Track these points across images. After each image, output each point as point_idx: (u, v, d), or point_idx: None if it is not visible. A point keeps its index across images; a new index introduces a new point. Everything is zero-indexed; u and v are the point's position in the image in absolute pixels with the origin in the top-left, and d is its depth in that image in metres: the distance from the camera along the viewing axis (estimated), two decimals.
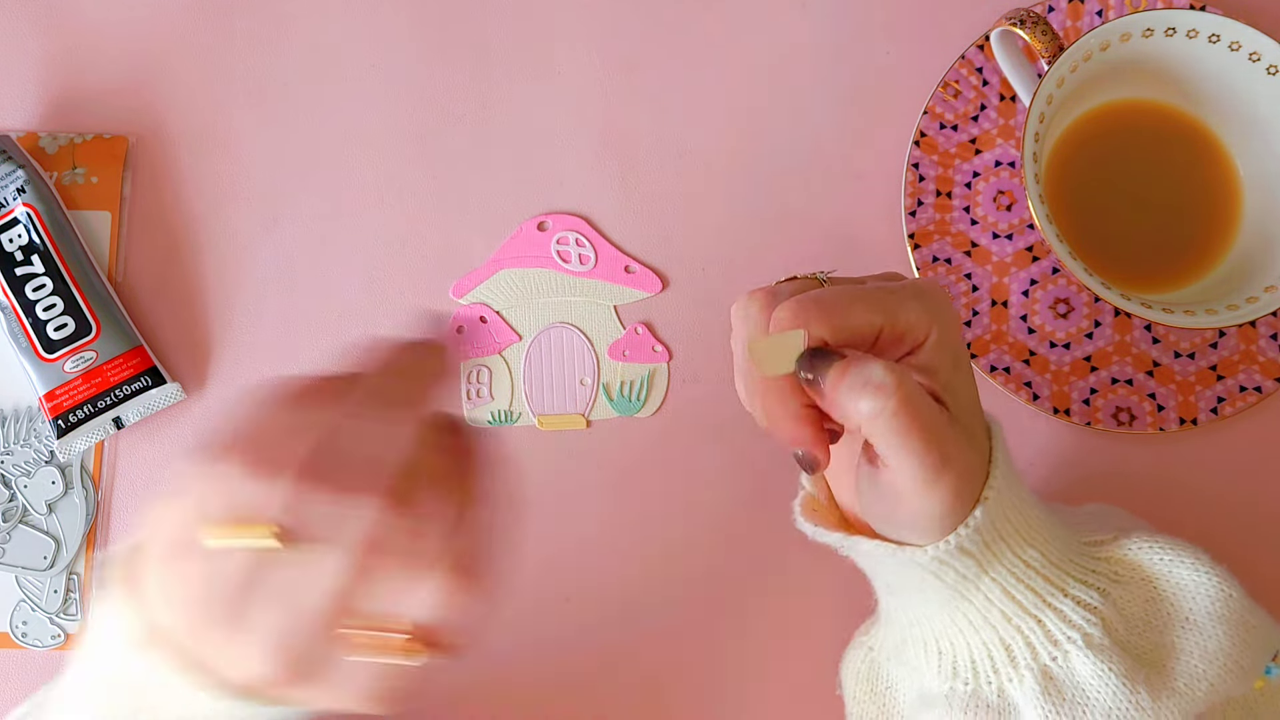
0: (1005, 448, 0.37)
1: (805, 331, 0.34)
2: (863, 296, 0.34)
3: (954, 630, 0.38)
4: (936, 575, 0.36)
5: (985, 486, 0.35)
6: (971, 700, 0.38)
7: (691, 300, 0.54)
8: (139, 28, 0.56)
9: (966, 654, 0.38)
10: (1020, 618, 0.37)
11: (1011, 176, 0.53)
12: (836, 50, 0.56)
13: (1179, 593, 0.39)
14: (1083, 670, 0.37)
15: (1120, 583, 0.39)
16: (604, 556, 0.51)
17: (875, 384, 0.33)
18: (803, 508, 0.40)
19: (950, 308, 0.36)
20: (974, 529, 0.35)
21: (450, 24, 0.56)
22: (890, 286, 0.35)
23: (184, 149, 0.55)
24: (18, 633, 0.51)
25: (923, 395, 0.34)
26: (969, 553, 0.35)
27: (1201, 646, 0.38)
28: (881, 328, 0.34)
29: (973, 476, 0.35)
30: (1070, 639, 0.37)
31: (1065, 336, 0.52)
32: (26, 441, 0.52)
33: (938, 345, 0.35)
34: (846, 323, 0.34)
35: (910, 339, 0.35)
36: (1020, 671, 0.37)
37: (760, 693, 0.50)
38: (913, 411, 0.33)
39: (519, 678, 0.50)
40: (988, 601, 0.37)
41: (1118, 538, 0.40)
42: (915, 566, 0.36)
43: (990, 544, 0.36)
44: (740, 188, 0.55)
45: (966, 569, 0.36)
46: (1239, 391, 0.51)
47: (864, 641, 0.44)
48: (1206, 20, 0.48)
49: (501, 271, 0.54)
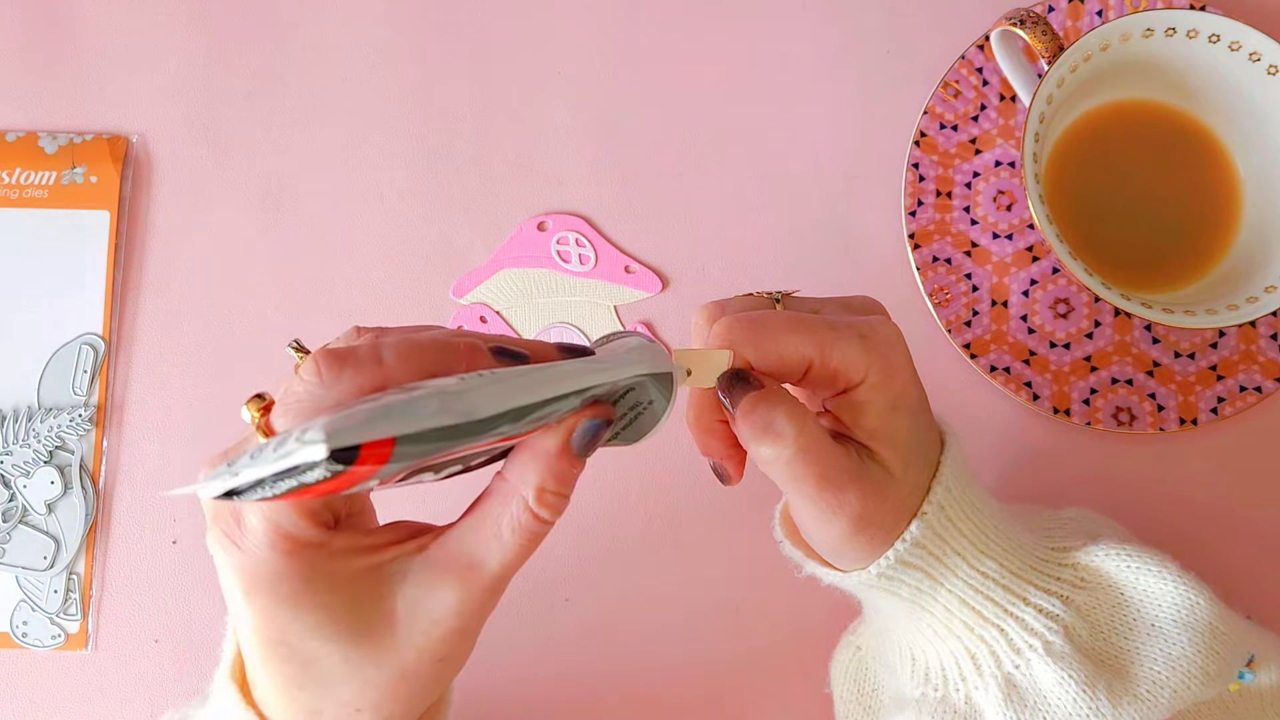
0: (958, 463, 0.37)
1: (731, 352, 0.34)
2: (799, 328, 0.34)
3: (921, 639, 0.38)
4: (888, 590, 0.37)
5: (924, 502, 0.36)
6: (940, 706, 0.38)
7: (691, 300, 0.54)
8: (139, 27, 0.56)
9: (937, 661, 0.38)
10: (982, 627, 0.37)
11: (1011, 176, 0.53)
12: (836, 50, 0.56)
13: (1144, 599, 0.39)
14: (1044, 678, 0.37)
15: (1086, 589, 0.39)
16: (604, 556, 0.51)
17: (775, 431, 0.33)
18: (781, 516, 0.40)
19: (897, 351, 0.35)
20: (902, 552, 0.35)
21: (450, 24, 0.56)
22: (835, 321, 0.35)
23: (184, 149, 0.55)
24: (18, 632, 0.51)
25: (823, 443, 0.34)
26: (916, 567, 0.36)
27: (1165, 653, 0.38)
28: (811, 362, 0.34)
29: (894, 508, 0.35)
30: (1032, 647, 0.37)
31: (1065, 336, 0.52)
32: (25, 441, 0.52)
33: (872, 388, 0.34)
34: (775, 351, 0.34)
35: (844, 378, 0.34)
36: (985, 679, 0.37)
37: (757, 691, 0.50)
38: (808, 461, 0.33)
39: (518, 678, 0.50)
40: (947, 612, 0.37)
41: (1085, 544, 0.40)
42: (860, 586, 0.37)
43: (942, 557, 0.36)
44: (740, 187, 0.55)
45: (919, 582, 0.36)
46: (1239, 391, 0.51)
47: (851, 641, 0.45)
48: (1206, 20, 0.48)
49: (501, 271, 0.54)
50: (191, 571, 0.52)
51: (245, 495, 0.27)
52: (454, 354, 0.30)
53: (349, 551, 0.31)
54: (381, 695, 0.32)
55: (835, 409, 0.36)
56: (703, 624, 0.51)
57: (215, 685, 0.35)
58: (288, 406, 0.29)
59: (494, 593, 0.32)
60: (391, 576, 0.31)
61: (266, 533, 0.30)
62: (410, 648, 0.31)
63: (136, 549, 0.52)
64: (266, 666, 0.32)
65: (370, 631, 0.31)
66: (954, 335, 0.52)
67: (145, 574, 0.52)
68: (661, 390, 0.32)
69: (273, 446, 0.25)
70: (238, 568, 0.31)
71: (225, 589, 0.32)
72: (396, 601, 0.31)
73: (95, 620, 0.51)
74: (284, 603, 0.31)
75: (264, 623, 0.31)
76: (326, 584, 0.31)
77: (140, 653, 0.51)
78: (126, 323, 0.54)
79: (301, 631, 0.31)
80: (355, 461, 0.25)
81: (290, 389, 0.29)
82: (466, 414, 0.27)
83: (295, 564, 0.30)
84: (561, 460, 0.31)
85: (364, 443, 0.25)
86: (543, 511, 0.31)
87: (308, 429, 0.25)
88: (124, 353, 0.53)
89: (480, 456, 0.32)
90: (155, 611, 0.51)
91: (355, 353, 0.29)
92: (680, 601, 0.51)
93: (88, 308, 0.53)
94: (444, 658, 0.32)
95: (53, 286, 0.54)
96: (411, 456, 0.26)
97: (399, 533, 0.33)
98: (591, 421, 0.31)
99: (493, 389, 0.28)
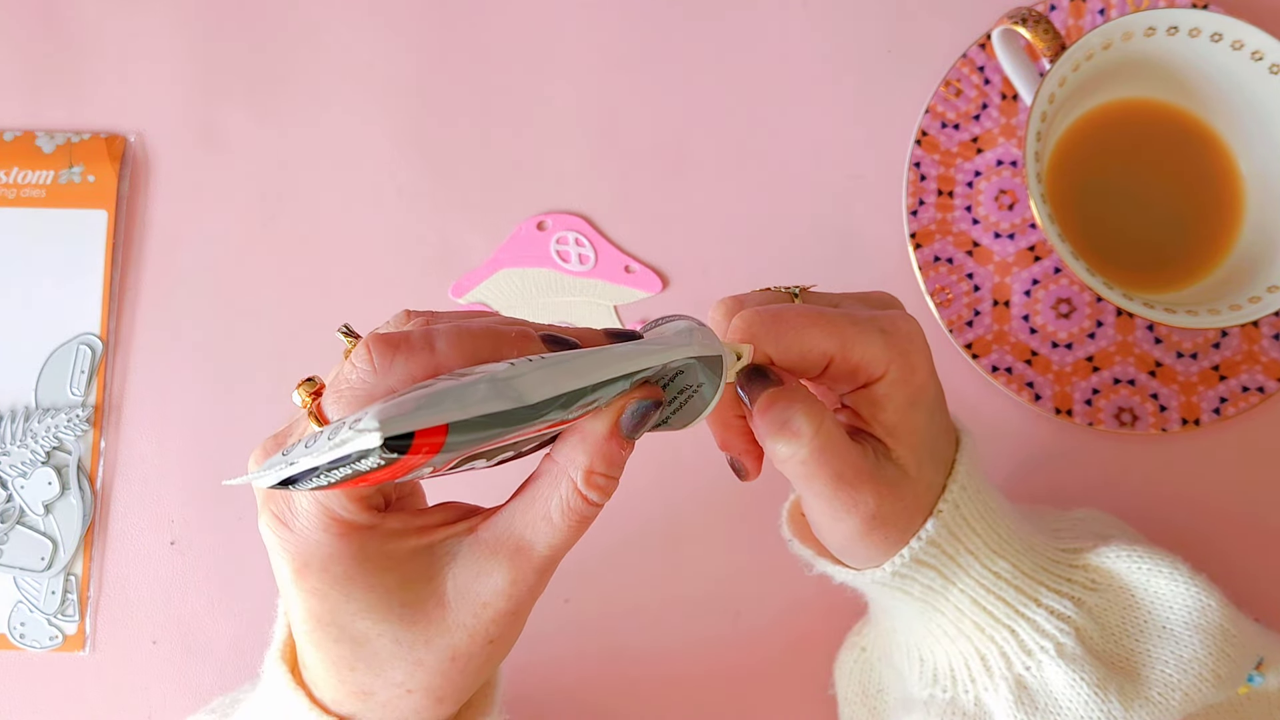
0: (973, 462, 0.37)
1: (751, 346, 0.33)
2: (820, 322, 0.34)
3: (930, 640, 0.38)
4: (901, 589, 0.37)
5: (939, 500, 0.36)
6: (950, 707, 0.38)
7: (692, 300, 0.53)
8: (136, 26, 0.56)
9: (945, 662, 0.38)
10: (993, 628, 0.37)
11: (1013, 176, 0.53)
12: (837, 49, 0.55)
13: (1156, 602, 0.39)
14: (1055, 680, 0.37)
15: (1097, 590, 0.39)
16: (604, 556, 0.51)
17: (792, 429, 0.33)
18: (789, 514, 0.40)
19: (917, 347, 0.35)
20: (917, 550, 0.35)
21: (450, 23, 0.56)
22: (856, 315, 0.34)
23: (182, 148, 0.55)
24: (15, 634, 0.51)
25: (839, 441, 0.33)
26: (929, 565, 0.36)
27: (1177, 656, 0.38)
28: (832, 357, 0.34)
29: (908, 506, 0.35)
30: (1043, 648, 0.37)
31: (1067, 336, 0.52)
32: (23, 442, 0.52)
33: (892, 384, 0.34)
34: (796, 346, 0.33)
35: (864, 374, 0.34)
36: (995, 681, 0.37)
37: (759, 693, 0.50)
38: (824, 459, 0.33)
39: (518, 678, 0.50)
40: (959, 612, 0.37)
41: (1096, 545, 0.40)
42: (872, 585, 0.36)
43: (955, 556, 0.36)
44: (741, 186, 0.54)
45: (931, 581, 0.36)
46: (1241, 392, 0.51)
47: (856, 642, 0.45)
48: (1209, 19, 0.48)
49: (501, 271, 0.54)
50: (190, 572, 0.51)
51: (300, 484, 0.26)
52: (505, 341, 0.30)
53: (400, 533, 0.31)
54: (432, 676, 0.32)
55: (853, 404, 0.36)
56: (704, 625, 0.50)
57: (265, 667, 0.35)
58: (340, 393, 0.29)
59: (544, 574, 0.32)
60: (442, 558, 0.32)
61: (318, 515, 0.30)
62: (461, 628, 0.31)
63: (134, 550, 0.52)
64: (319, 648, 0.32)
65: (421, 612, 0.31)
66: (955, 335, 0.51)
67: (143, 575, 0.51)
68: (711, 373, 0.32)
69: (326, 435, 0.25)
70: (289, 550, 0.31)
71: (276, 570, 0.31)
72: (447, 582, 0.31)
73: (93, 621, 0.51)
74: (336, 584, 0.31)
75: (316, 604, 0.31)
76: (378, 565, 0.31)
77: (138, 654, 0.51)
78: (124, 323, 0.54)
79: (354, 612, 0.31)
80: (409, 450, 0.25)
81: (342, 375, 0.29)
82: (518, 399, 0.27)
83: (347, 546, 0.30)
84: (611, 442, 0.31)
85: (418, 430, 0.25)
86: (591, 493, 0.31)
87: (360, 417, 0.25)
88: (122, 353, 0.53)
89: (531, 442, 0.31)
90: (153, 612, 0.51)
91: (408, 339, 0.29)
92: (681, 602, 0.51)
93: (85, 308, 0.53)
94: (494, 639, 0.32)
95: (50, 286, 0.53)
96: (464, 444, 0.26)
97: (449, 514, 0.33)
98: (641, 403, 0.31)
99: (543, 373, 0.28)
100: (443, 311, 0.33)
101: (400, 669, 0.31)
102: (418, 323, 0.31)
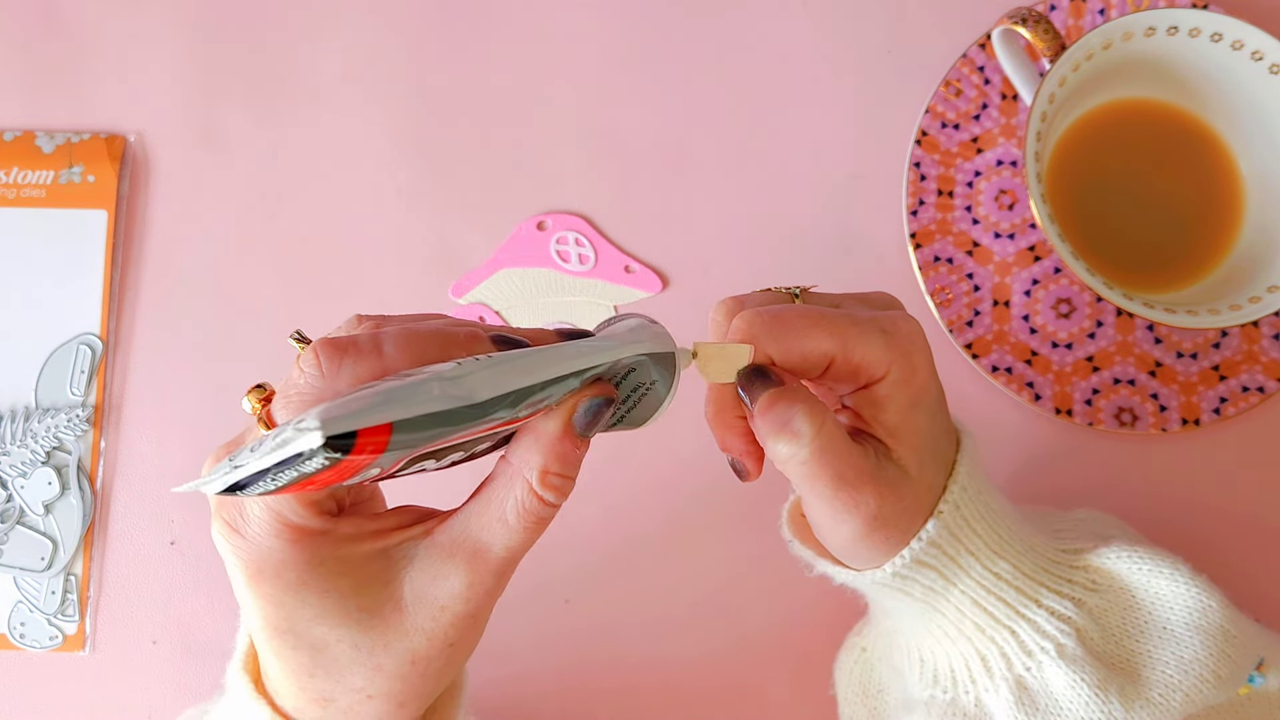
0: (974, 463, 0.37)
1: (752, 347, 0.33)
2: (821, 322, 0.34)
3: (931, 640, 0.38)
4: (901, 590, 0.36)
5: (940, 501, 0.36)
6: (950, 708, 0.38)
7: (692, 300, 0.53)
8: (136, 26, 0.56)
9: (946, 663, 0.38)
10: (994, 628, 0.37)
11: (1013, 176, 0.53)
12: (837, 49, 0.55)
13: (1156, 602, 0.39)
14: (1056, 681, 0.37)
15: (1098, 591, 0.39)
16: (604, 557, 0.51)
17: (793, 429, 0.33)
18: (789, 514, 0.40)
19: (918, 348, 0.35)
20: (917, 551, 0.35)
21: (450, 24, 0.56)
22: (858, 316, 0.34)
23: (181, 148, 0.55)
24: (15, 634, 0.51)
25: (840, 442, 0.33)
26: (930, 566, 0.36)
27: (1178, 656, 0.38)
28: (833, 358, 0.34)
29: (909, 507, 0.35)
30: (1044, 649, 0.37)
31: (1067, 337, 0.52)
32: (23, 442, 0.52)
33: (893, 384, 0.34)
34: (797, 346, 0.33)
35: (865, 374, 0.34)
36: (996, 681, 0.37)
37: (759, 693, 0.50)
38: (825, 460, 0.33)
39: (518, 678, 0.50)
40: (959, 613, 0.37)
41: (1097, 546, 0.40)
42: (873, 585, 0.36)
43: (956, 557, 0.36)
44: (741, 186, 0.54)
45: (932, 582, 0.36)
46: (1241, 392, 0.51)
47: (857, 643, 0.45)
48: (1209, 19, 0.48)
49: (501, 271, 0.54)
50: (189, 572, 0.51)
51: (248, 489, 0.26)
52: (455, 343, 0.30)
53: (354, 537, 0.31)
54: (392, 681, 0.32)
55: (854, 405, 0.36)
56: (704, 625, 0.50)
57: (228, 678, 0.35)
58: (289, 398, 0.29)
59: (501, 576, 0.32)
60: (399, 561, 0.31)
61: (270, 521, 0.30)
62: (419, 632, 0.31)
63: (134, 550, 0.52)
64: (277, 656, 0.32)
65: (379, 617, 0.31)
66: (955, 335, 0.51)
67: (143, 575, 0.51)
68: (664, 371, 0.32)
69: (271, 438, 0.25)
70: (242, 557, 0.30)
71: (231, 579, 0.31)
72: (404, 586, 0.31)
73: (93, 621, 0.51)
74: (290, 589, 0.31)
75: (271, 611, 0.31)
76: (332, 569, 0.31)
77: (138, 654, 0.51)
78: (124, 322, 0.54)
79: (310, 618, 0.31)
80: (353, 449, 0.25)
81: (291, 380, 0.29)
82: (464, 398, 0.27)
83: (300, 551, 0.30)
84: (564, 441, 0.31)
85: (360, 429, 0.25)
86: (547, 494, 0.31)
87: (303, 418, 0.25)
88: (122, 353, 0.53)
89: (483, 443, 0.31)
90: (153, 612, 0.51)
91: (355, 343, 0.29)
92: (681, 603, 0.51)
93: (85, 307, 0.53)
94: (454, 642, 0.32)
95: (50, 286, 0.53)
96: (410, 443, 0.26)
97: (405, 517, 0.33)
98: (593, 400, 0.31)
99: (490, 372, 0.28)
100: (393, 315, 0.33)
101: (360, 674, 0.31)
102: (367, 327, 0.31)
